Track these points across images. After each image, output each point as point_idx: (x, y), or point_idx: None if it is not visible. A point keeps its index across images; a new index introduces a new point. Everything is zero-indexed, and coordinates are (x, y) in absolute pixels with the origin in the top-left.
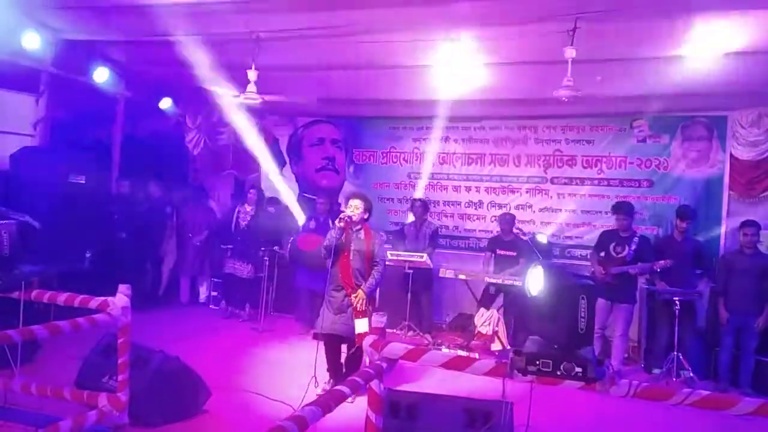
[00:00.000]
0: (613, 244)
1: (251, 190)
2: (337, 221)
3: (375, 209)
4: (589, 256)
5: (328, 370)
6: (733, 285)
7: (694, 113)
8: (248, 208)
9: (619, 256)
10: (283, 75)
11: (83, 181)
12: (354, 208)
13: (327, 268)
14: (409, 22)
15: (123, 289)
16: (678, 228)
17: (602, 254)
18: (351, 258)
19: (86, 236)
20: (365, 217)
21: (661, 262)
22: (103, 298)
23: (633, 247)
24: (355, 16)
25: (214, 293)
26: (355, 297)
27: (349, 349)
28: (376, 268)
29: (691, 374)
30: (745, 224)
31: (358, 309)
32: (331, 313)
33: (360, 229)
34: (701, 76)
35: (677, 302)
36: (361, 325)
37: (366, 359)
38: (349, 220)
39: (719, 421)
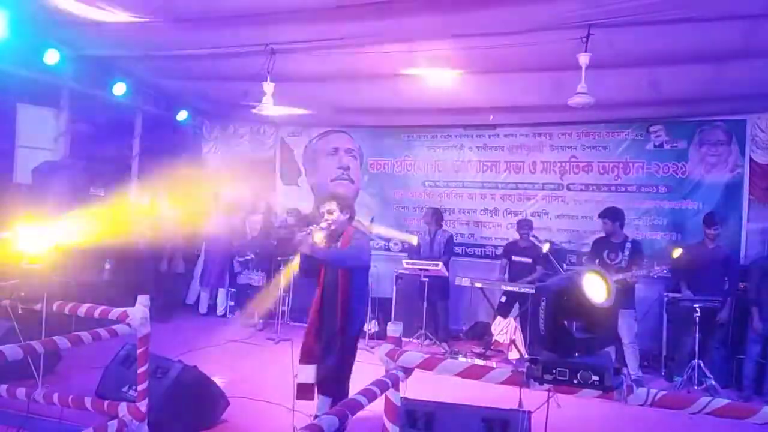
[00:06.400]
0: (606, 251)
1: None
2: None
3: (390, 217)
4: (584, 264)
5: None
6: (764, 292)
7: (712, 117)
8: (256, 218)
9: (614, 263)
10: (298, 86)
11: (103, 194)
12: (328, 214)
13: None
14: (425, 32)
15: (142, 300)
16: (707, 235)
17: (597, 262)
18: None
19: (106, 248)
20: (345, 218)
21: (657, 268)
22: (122, 309)
23: (626, 253)
24: (369, 27)
25: (231, 303)
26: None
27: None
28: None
29: (713, 382)
30: None
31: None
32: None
33: (340, 236)
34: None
35: (698, 309)
36: (304, 374)
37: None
38: (313, 248)
39: (742, 430)
